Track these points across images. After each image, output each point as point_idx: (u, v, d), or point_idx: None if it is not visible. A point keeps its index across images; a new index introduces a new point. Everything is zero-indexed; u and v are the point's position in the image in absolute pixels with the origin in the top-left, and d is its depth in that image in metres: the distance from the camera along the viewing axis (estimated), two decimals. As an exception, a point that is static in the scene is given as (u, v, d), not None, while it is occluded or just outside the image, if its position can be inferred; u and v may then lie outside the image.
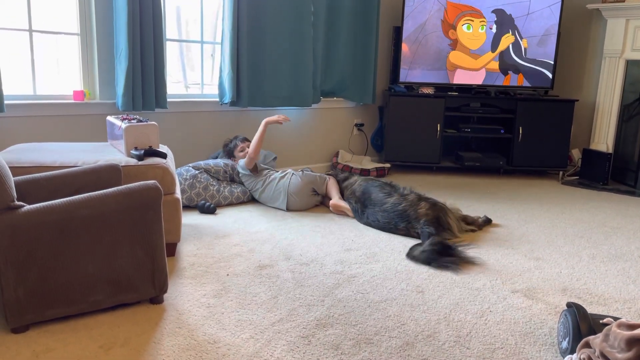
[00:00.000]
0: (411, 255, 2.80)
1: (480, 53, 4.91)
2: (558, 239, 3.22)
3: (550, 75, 4.93)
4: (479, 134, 4.97)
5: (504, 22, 4.84)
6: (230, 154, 3.96)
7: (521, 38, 4.84)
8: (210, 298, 2.25)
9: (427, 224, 3.01)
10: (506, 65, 4.93)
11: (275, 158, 4.29)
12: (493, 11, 4.83)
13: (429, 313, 2.19)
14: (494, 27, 4.83)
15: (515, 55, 4.91)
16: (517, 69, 4.94)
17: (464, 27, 4.87)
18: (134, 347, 1.85)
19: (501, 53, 4.90)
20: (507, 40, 4.87)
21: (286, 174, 3.69)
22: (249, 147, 3.80)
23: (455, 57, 4.91)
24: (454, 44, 4.90)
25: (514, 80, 4.96)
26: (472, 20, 4.86)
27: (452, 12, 4.85)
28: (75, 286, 1.96)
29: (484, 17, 4.85)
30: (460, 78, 4.97)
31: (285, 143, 4.62)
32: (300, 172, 3.69)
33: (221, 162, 3.76)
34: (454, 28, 4.87)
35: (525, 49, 4.87)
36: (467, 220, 3.33)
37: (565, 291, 2.46)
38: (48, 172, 2.30)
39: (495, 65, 4.93)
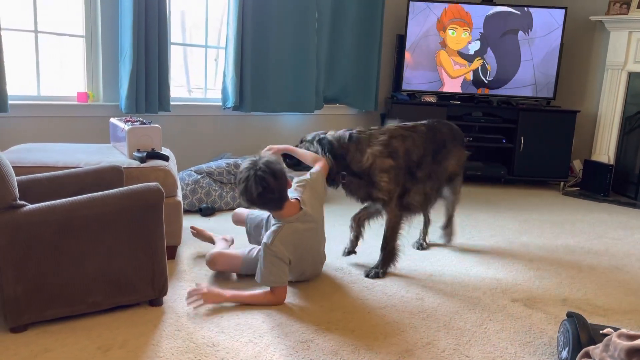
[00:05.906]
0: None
1: (463, 53, 4.96)
2: (558, 249, 3.21)
3: (552, 86, 4.95)
4: (481, 143, 4.97)
5: (482, 44, 4.93)
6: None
7: (487, 64, 4.95)
8: (209, 301, 2.24)
9: None
10: (477, 82, 5.05)
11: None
12: (481, 33, 4.91)
13: (428, 320, 2.18)
14: (478, 43, 4.91)
15: (483, 76, 5.00)
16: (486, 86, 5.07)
17: (450, 32, 4.92)
18: (132, 349, 1.84)
19: (473, 71, 5.01)
20: (477, 63, 4.97)
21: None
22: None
23: (442, 56, 4.98)
24: (443, 44, 4.96)
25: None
26: (457, 28, 4.90)
27: (445, 17, 4.90)
28: (74, 286, 1.95)
29: (470, 28, 4.91)
30: (445, 80, 5.04)
31: (287, 149, 4.62)
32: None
33: (223, 162, 3.74)
34: (444, 30, 4.92)
35: (488, 71, 4.97)
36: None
37: (565, 301, 2.45)
38: (50, 172, 2.30)
39: (469, 76, 5.02)
